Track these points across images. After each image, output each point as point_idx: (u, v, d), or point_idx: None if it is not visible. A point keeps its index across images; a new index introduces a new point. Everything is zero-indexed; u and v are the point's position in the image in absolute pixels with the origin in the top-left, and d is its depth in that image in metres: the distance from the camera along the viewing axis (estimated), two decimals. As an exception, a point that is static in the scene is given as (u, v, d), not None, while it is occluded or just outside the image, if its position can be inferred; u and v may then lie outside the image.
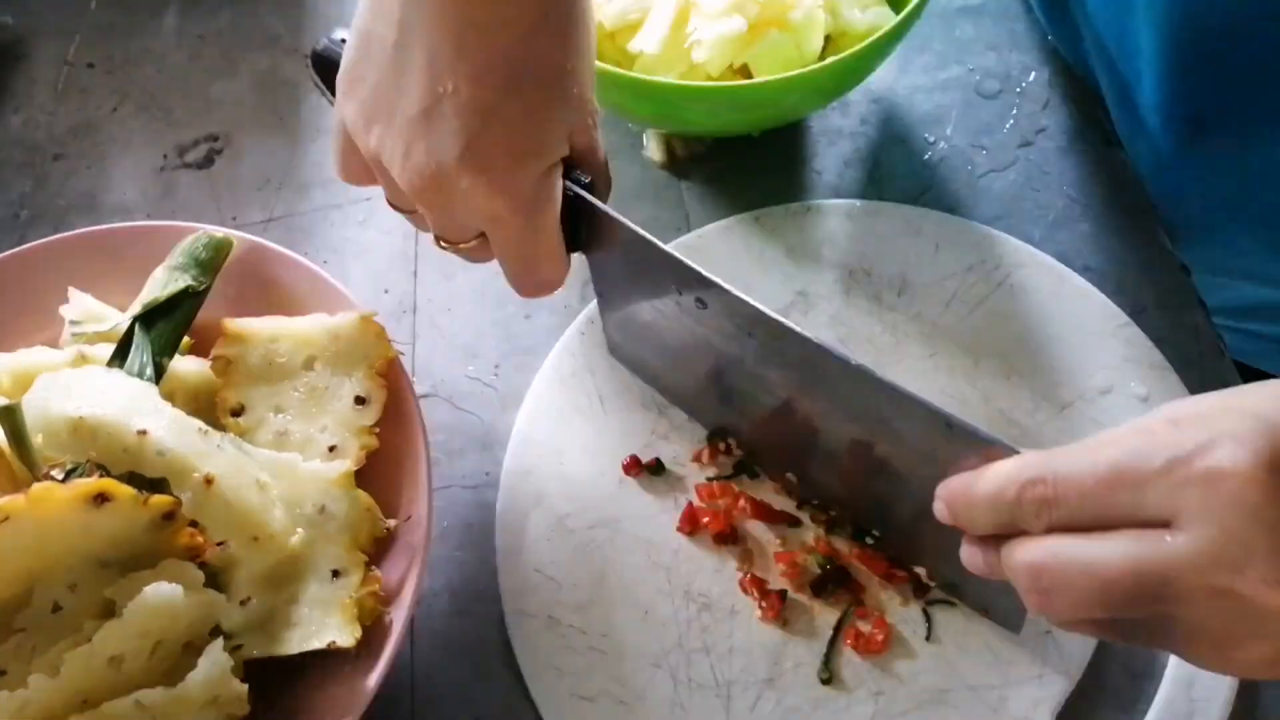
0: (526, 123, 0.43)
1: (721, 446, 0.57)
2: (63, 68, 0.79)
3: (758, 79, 0.60)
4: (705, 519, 0.55)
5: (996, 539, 0.39)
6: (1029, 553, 0.37)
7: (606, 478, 0.58)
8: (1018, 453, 0.39)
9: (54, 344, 0.53)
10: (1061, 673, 0.51)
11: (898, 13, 0.61)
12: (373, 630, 0.47)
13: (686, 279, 0.48)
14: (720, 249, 0.64)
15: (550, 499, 0.57)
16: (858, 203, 0.65)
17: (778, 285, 0.63)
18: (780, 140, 0.69)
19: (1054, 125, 0.69)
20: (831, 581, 0.53)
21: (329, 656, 0.47)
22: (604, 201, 0.49)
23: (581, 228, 0.49)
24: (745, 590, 0.54)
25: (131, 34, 0.81)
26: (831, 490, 0.54)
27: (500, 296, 0.65)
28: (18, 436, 0.44)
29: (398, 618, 0.48)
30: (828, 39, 0.63)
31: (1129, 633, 0.37)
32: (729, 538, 0.55)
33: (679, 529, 0.56)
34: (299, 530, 0.48)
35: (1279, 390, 0.35)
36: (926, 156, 0.68)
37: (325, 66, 0.50)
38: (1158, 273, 0.62)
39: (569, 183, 0.47)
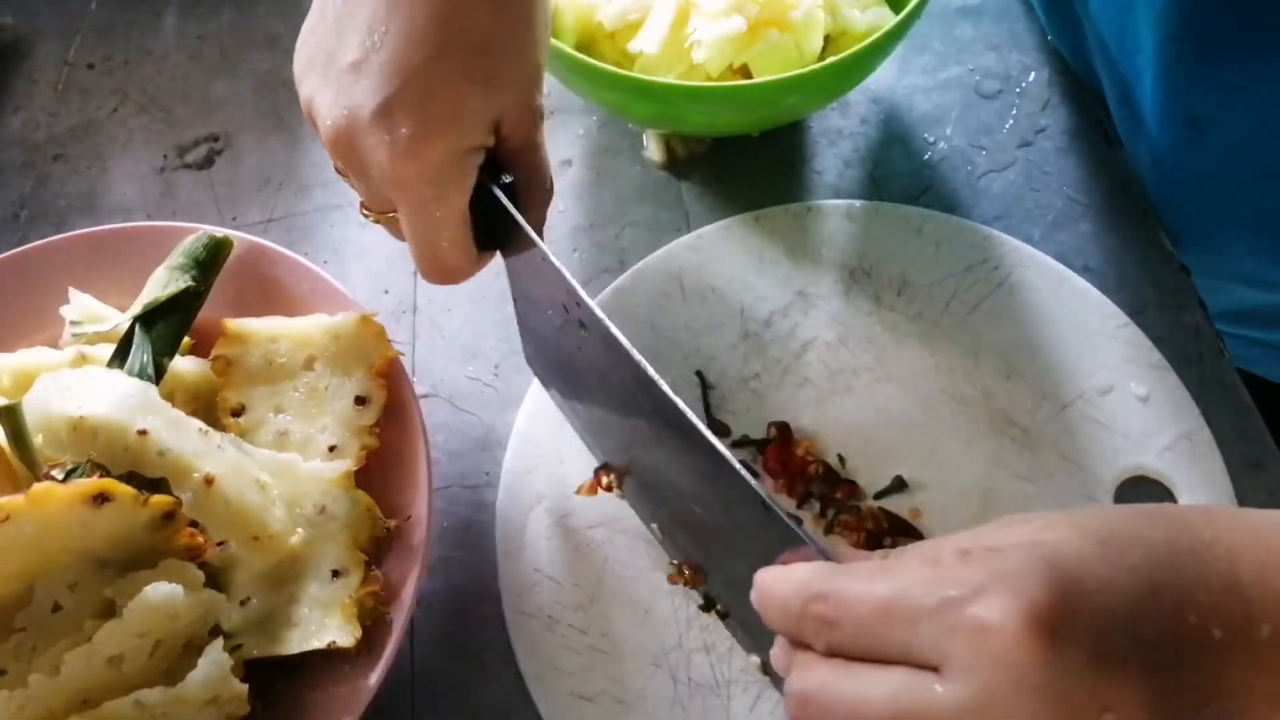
0: (445, 92, 0.43)
1: (604, 483, 0.55)
2: (63, 68, 0.79)
3: (758, 79, 0.60)
4: None
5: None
6: (801, 679, 0.34)
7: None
8: (823, 553, 0.36)
9: (54, 344, 0.53)
10: (1061, 672, 0.51)
11: (897, 13, 0.61)
12: (373, 630, 0.47)
13: (569, 296, 0.45)
14: (720, 249, 0.64)
15: (550, 499, 0.57)
16: (857, 203, 0.65)
17: (777, 285, 0.63)
18: (780, 140, 0.69)
19: (1054, 125, 0.69)
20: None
21: (329, 656, 0.47)
22: (539, 204, 0.48)
23: (498, 229, 0.48)
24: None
25: (132, 34, 0.81)
26: (688, 554, 0.52)
27: (500, 296, 0.65)
28: (18, 436, 0.44)
29: (398, 618, 0.48)
30: (827, 39, 0.63)
31: None
32: None
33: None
34: (299, 530, 0.48)
35: (1093, 525, 0.33)
36: (926, 156, 0.68)
37: None
38: (1158, 273, 0.62)
39: (487, 178, 0.46)
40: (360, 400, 0.51)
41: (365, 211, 0.49)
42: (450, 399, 0.62)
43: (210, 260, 0.54)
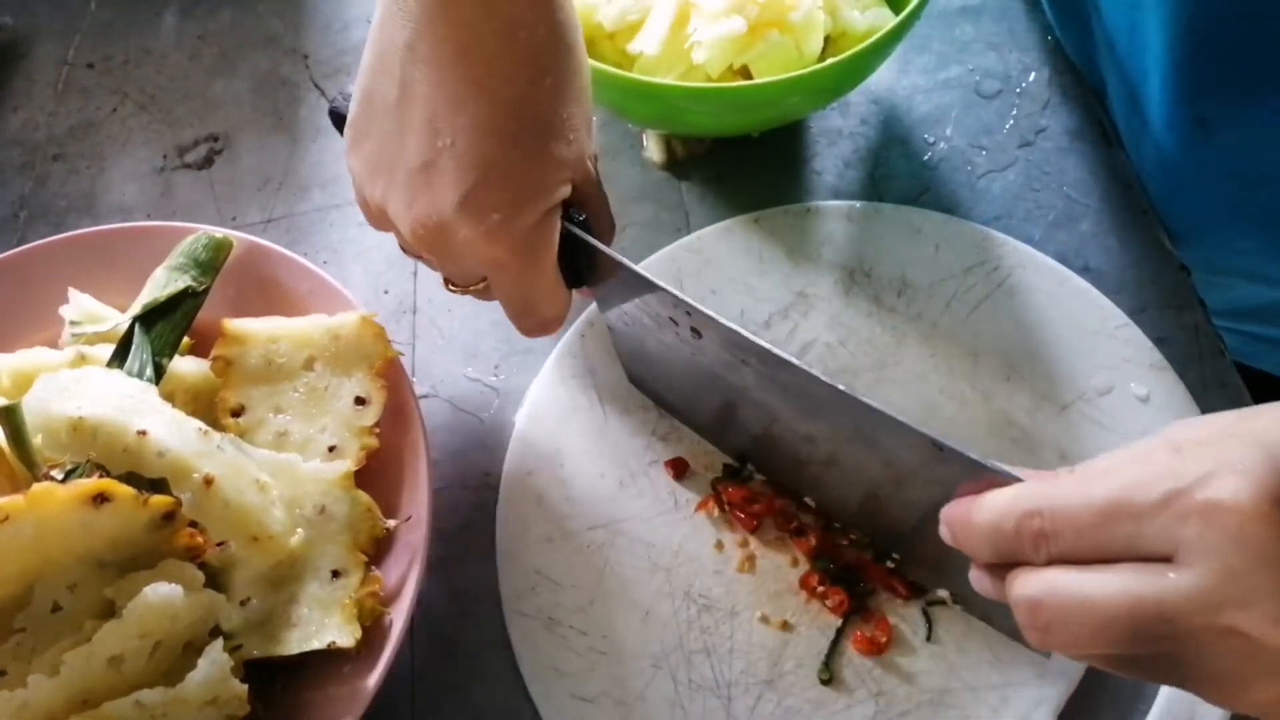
0: (524, 172, 0.44)
1: (722, 501, 0.56)
2: (62, 68, 0.79)
3: (758, 80, 0.60)
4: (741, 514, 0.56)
5: (1002, 566, 0.38)
6: (1026, 587, 0.36)
7: (606, 479, 0.58)
8: (1013, 477, 0.38)
9: (54, 344, 0.53)
10: (1061, 673, 0.51)
11: (897, 13, 0.61)
12: (373, 630, 0.47)
13: (678, 309, 0.48)
14: (720, 250, 0.64)
15: (550, 500, 0.57)
16: (857, 204, 0.65)
17: (777, 286, 0.63)
18: (780, 141, 0.69)
19: (1054, 125, 0.69)
20: (833, 581, 0.53)
21: (329, 657, 0.47)
22: (608, 235, 0.50)
23: (581, 264, 0.50)
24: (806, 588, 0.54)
25: (131, 34, 0.81)
26: (849, 514, 0.54)
27: (500, 297, 0.65)
28: (17, 437, 0.44)
29: (398, 618, 0.48)
30: (827, 40, 0.63)
31: (1135, 668, 0.36)
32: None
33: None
34: (299, 530, 0.48)
35: None
36: (926, 157, 0.68)
37: (343, 122, 0.51)
38: (1158, 273, 0.62)
39: (564, 222, 0.48)
40: (360, 400, 0.51)
41: (451, 287, 0.51)
42: (450, 399, 0.62)
43: (210, 260, 0.54)
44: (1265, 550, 0.31)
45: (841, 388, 0.43)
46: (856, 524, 0.54)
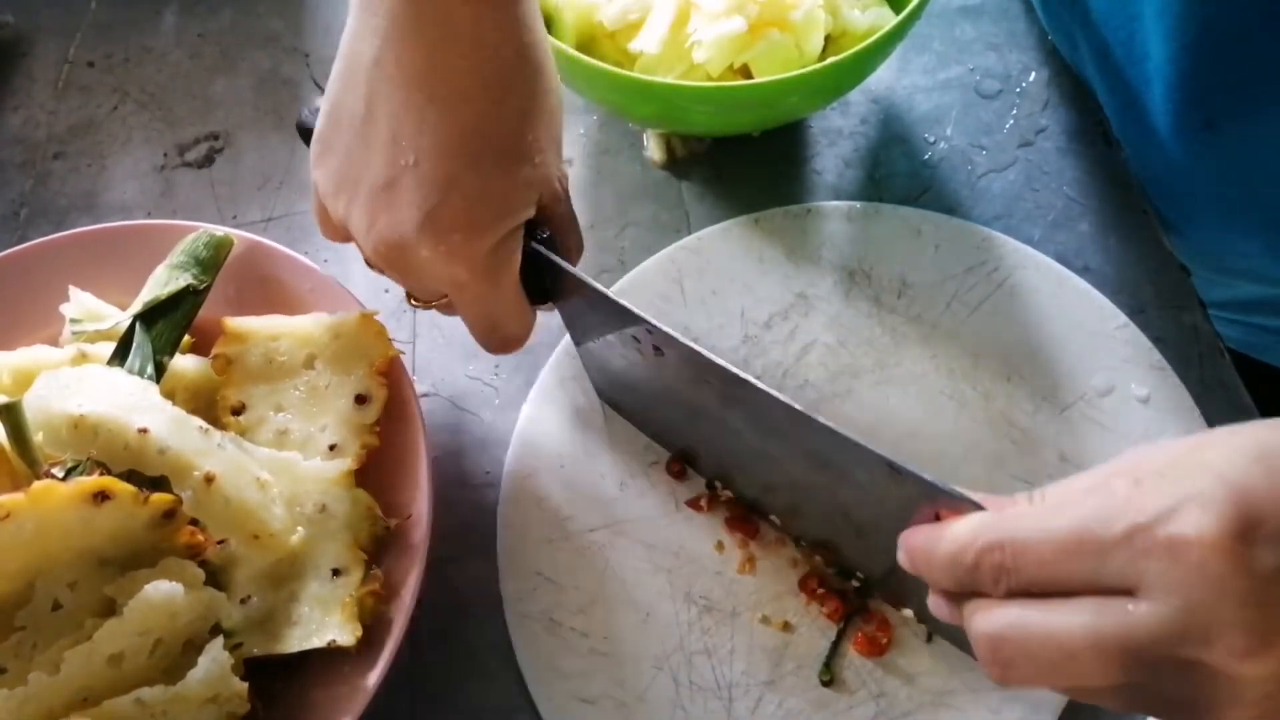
0: (485, 193, 0.44)
1: (714, 490, 0.57)
2: (63, 66, 0.79)
3: (758, 79, 0.60)
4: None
5: (960, 595, 0.38)
6: (988, 622, 0.35)
7: (607, 480, 0.58)
8: (969, 501, 0.38)
9: (54, 342, 0.53)
10: (1061, 673, 0.51)
11: (898, 13, 0.61)
12: (373, 629, 0.47)
13: (639, 327, 0.47)
14: (720, 251, 0.64)
15: (551, 501, 0.57)
16: (857, 204, 0.65)
17: (777, 287, 0.63)
18: (780, 140, 0.69)
19: (1054, 125, 0.69)
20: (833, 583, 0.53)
21: (329, 655, 0.47)
22: (575, 255, 0.50)
23: (546, 282, 0.50)
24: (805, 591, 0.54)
25: (132, 33, 0.80)
26: (812, 534, 0.54)
27: (500, 296, 0.65)
28: (18, 434, 0.44)
29: (398, 617, 0.48)
30: (828, 39, 0.63)
31: (1097, 697, 0.36)
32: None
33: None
34: (299, 529, 0.48)
35: (1243, 445, 0.34)
36: (926, 157, 0.68)
37: (310, 135, 0.51)
38: (1158, 273, 0.63)
39: (529, 241, 0.48)
40: (361, 399, 0.51)
41: (414, 303, 0.51)
42: (451, 398, 0.62)
43: (211, 259, 0.54)
44: (1227, 584, 0.31)
45: (797, 407, 0.42)
46: (821, 544, 0.54)
